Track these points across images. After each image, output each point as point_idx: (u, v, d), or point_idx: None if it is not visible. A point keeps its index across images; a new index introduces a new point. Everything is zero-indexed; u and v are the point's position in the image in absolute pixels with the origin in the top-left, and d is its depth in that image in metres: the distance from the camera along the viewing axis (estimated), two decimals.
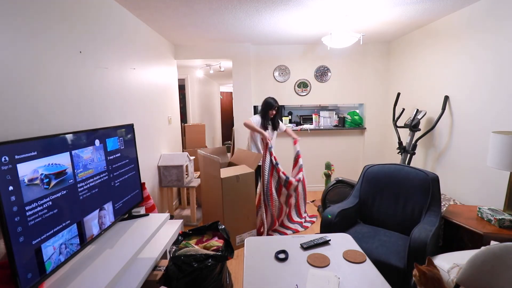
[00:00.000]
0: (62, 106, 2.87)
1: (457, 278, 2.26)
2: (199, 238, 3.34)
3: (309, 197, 6.76)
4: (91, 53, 3.34)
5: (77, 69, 3.09)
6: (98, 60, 3.47)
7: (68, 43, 2.99)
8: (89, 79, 3.28)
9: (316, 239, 2.97)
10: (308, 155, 7.11)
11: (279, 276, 2.43)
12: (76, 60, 3.08)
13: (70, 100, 2.98)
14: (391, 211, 3.77)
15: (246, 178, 4.54)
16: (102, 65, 3.53)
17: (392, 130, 6.56)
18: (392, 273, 3.00)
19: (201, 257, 2.88)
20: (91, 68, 3.33)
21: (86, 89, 3.22)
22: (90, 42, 3.34)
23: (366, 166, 4.12)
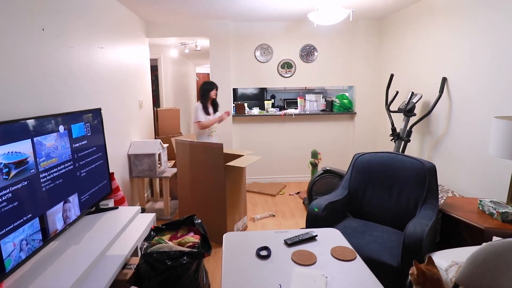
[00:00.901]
0: (23, 89, 2.85)
1: (456, 277, 2.25)
2: (173, 234, 3.34)
3: (293, 189, 6.82)
4: (55, 31, 3.31)
5: (39, 49, 3.06)
6: (63, 39, 3.44)
7: (29, 20, 2.93)
8: (52, 60, 3.25)
9: (302, 234, 2.95)
10: (292, 143, 7.16)
11: (260, 275, 2.42)
12: (38, 39, 3.05)
13: (32, 82, 2.95)
14: (384, 203, 3.77)
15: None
16: (67, 44, 3.51)
17: (384, 115, 6.58)
18: (385, 272, 3.00)
19: (175, 254, 2.87)
20: (55, 47, 3.30)
21: (49, 70, 3.20)
22: (53, 19, 3.28)
23: (357, 155, 4.13)
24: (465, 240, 3.24)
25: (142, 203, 5.48)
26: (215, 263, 4.09)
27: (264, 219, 5.41)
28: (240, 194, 4.90)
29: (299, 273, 2.42)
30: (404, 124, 5.19)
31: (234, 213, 4.73)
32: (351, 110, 7.11)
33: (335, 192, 4.02)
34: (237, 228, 4.79)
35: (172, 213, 5.56)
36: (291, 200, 6.24)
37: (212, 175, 4.56)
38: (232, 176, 4.64)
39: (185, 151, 4.83)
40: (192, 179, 4.81)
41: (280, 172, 7.28)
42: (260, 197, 6.46)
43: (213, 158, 4.53)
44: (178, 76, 9.74)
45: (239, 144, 7.09)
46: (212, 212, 4.62)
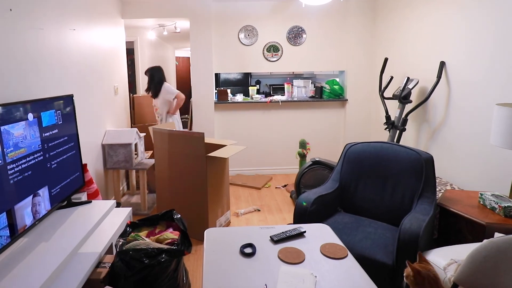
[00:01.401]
0: None
1: (455, 276, 2.24)
2: (151, 230, 3.34)
3: (280, 181, 6.84)
4: (24, 11, 3.30)
5: (6, 31, 3.04)
6: (32, 20, 3.43)
7: None
8: (21, 42, 3.24)
9: (289, 230, 2.95)
10: (279, 132, 7.19)
11: (245, 274, 2.42)
12: (5, 20, 3.03)
13: None
14: (378, 197, 3.78)
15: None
16: (36, 26, 3.49)
17: (378, 102, 6.59)
18: (379, 271, 3.01)
19: (153, 251, 2.88)
20: (24, 29, 3.29)
21: (17, 54, 3.19)
22: None
23: (348, 145, 4.13)
24: (465, 237, 3.24)
25: (117, 197, 5.49)
26: (196, 262, 4.09)
27: (249, 214, 5.42)
28: (222, 187, 4.90)
29: (286, 272, 2.41)
30: (399, 111, 5.20)
31: (216, 207, 4.74)
32: (342, 97, 7.13)
33: (325, 185, 4.02)
34: (219, 223, 4.80)
35: (150, 207, 5.57)
36: (277, 194, 6.24)
37: (193, 166, 4.56)
38: (214, 167, 4.64)
39: (163, 140, 4.83)
40: (171, 171, 4.81)
41: (266, 163, 7.30)
42: (244, 190, 6.46)
43: (193, 148, 4.52)
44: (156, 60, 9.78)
45: (221, 134, 7.10)
46: (192, 207, 4.62)
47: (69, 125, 3.51)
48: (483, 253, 2.13)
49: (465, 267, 2.19)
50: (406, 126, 5.18)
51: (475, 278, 2.15)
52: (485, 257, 2.12)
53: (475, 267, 2.15)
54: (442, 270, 2.57)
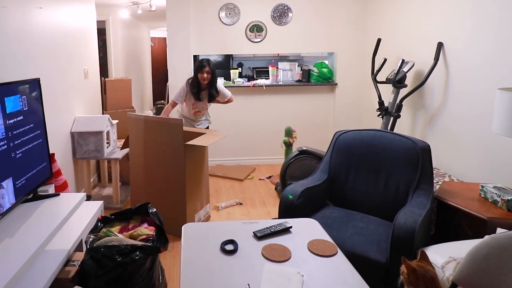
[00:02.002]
0: None
1: (453, 275, 2.24)
2: (124, 225, 3.33)
3: (264, 173, 6.87)
4: None
5: None
6: None
7: None
8: None
9: (274, 226, 2.94)
10: (263, 119, 7.21)
11: (225, 272, 2.41)
12: None
13: None
14: (370, 190, 3.79)
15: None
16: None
17: (370, 86, 6.59)
18: (371, 269, 3.01)
19: (126, 248, 2.86)
20: None
21: None
22: None
23: (338, 133, 4.14)
24: (465, 232, 3.26)
25: (87, 189, 5.49)
26: (173, 259, 4.11)
27: (230, 208, 5.44)
28: (201, 178, 4.89)
29: (271, 271, 2.41)
30: (393, 97, 5.22)
31: (194, 200, 4.73)
32: (331, 81, 7.16)
33: (313, 176, 4.02)
34: (198, 218, 4.80)
35: (123, 200, 5.57)
36: (261, 186, 6.27)
37: (170, 156, 4.57)
38: (192, 157, 4.63)
39: (138, 128, 4.82)
40: (147, 161, 4.81)
41: (249, 153, 7.33)
42: (226, 182, 6.49)
43: (170, 136, 4.53)
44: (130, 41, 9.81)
45: None
46: (169, 200, 4.62)
47: (35, 112, 3.49)
48: (484, 250, 2.12)
49: (465, 265, 2.18)
50: (400, 113, 5.19)
51: (475, 278, 2.15)
52: (486, 255, 2.11)
53: (475, 266, 2.14)
54: (439, 268, 2.57)
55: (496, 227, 2.91)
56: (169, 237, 3.26)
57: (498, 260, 2.09)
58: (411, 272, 2.20)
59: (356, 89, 7.05)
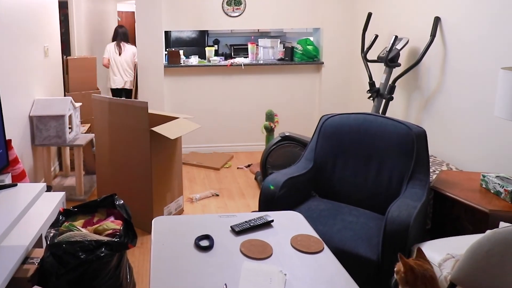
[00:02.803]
0: None
1: (452, 274, 2.24)
2: (88, 218, 3.33)
3: (243, 161, 6.89)
4: None
5: None
6: None
7: None
8: None
9: (253, 219, 2.94)
10: (241, 101, 7.23)
11: (200, 271, 2.42)
12: None
13: None
14: (360, 180, 3.80)
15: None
16: None
17: (360, 65, 6.60)
18: (361, 267, 3.02)
19: (90, 244, 2.85)
20: None
21: None
22: None
23: (324, 117, 4.14)
24: (464, 227, 3.27)
25: (48, 179, 5.49)
26: (142, 256, 4.14)
27: (205, 200, 5.45)
28: (173, 167, 4.91)
29: (250, 269, 2.41)
30: (385, 77, 5.24)
31: (165, 192, 4.75)
32: (317, 60, 7.18)
33: (297, 165, 4.03)
34: (169, 211, 4.83)
35: (87, 192, 5.59)
36: (239, 175, 6.30)
37: (136, 142, 4.57)
38: (161, 144, 4.63)
39: (103, 111, 4.82)
40: (112, 148, 4.84)
41: (226, 139, 7.33)
42: (200, 171, 6.51)
43: (136, 121, 4.53)
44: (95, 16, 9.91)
45: (172, 103, 7.12)
46: (136, 191, 4.63)
47: None
48: (486, 246, 2.12)
49: (464, 263, 2.18)
50: (393, 95, 5.21)
51: (476, 277, 2.15)
52: (488, 252, 2.11)
53: (476, 264, 2.14)
54: (436, 267, 2.57)
55: (499, 221, 2.91)
56: (138, 232, 3.25)
57: (501, 258, 2.08)
58: (409, 270, 2.18)
59: (344, 68, 7.06)
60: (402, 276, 2.20)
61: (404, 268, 2.20)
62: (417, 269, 2.18)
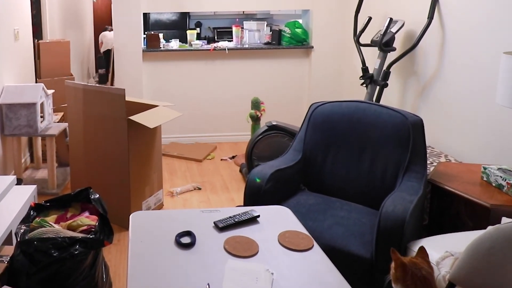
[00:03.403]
0: None
1: (450, 273, 2.25)
2: (61, 214, 3.33)
3: (227, 152, 6.91)
4: None
5: None
6: None
7: None
8: None
9: (238, 215, 2.95)
10: (225, 88, 7.24)
11: (181, 270, 2.42)
12: None
13: None
14: (352, 172, 3.80)
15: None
16: None
17: (353, 50, 6.61)
18: (353, 266, 3.03)
19: (63, 241, 2.85)
20: None
21: None
22: None
23: (314, 105, 4.14)
24: (464, 223, 3.28)
25: (18, 172, 5.50)
26: (119, 254, 4.15)
27: (187, 194, 5.47)
28: (152, 159, 4.91)
29: (235, 268, 2.41)
30: (379, 62, 5.25)
31: (142, 185, 4.74)
32: (306, 44, 7.20)
33: (285, 156, 4.03)
34: (148, 206, 4.84)
35: (60, 185, 5.59)
36: (223, 168, 6.32)
37: (112, 132, 4.59)
38: (139, 134, 4.62)
39: (77, 99, 4.82)
40: (87, 138, 4.84)
41: (209, 128, 7.33)
42: (181, 163, 6.53)
43: (112, 109, 4.53)
44: None
45: (151, 91, 7.13)
46: (113, 185, 4.64)
47: None
48: (487, 243, 2.12)
49: (464, 262, 2.18)
50: (388, 81, 5.22)
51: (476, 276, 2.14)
52: (489, 249, 2.10)
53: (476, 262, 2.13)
54: (434, 265, 2.52)
55: (501, 216, 2.90)
56: (114, 228, 3.24)
57: (503, 256, 2.08)
58: (400, 267, 2.18)
59: (336, 53, 7.08)
60: (393, 272, 2.20)
61: (395, 263, 2.20)
62: (408, 265, 2.16)
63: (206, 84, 7.15)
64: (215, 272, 2.37)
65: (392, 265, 2.23)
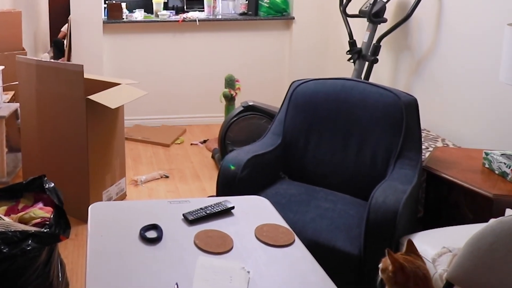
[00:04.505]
0: None
1: (448, 272, 2.26)
2: (12, 205, 3.35)
3: (198, 135, 6.94)
4: None
5: None
6: None
7: None
8: None
9: (210, 206, 2.94)
10: (196, 64, 7.25)
11: (147, 268, 2.41)
12: None
13: None
14: (338, 159, 3.80)
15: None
16: None
17: (339, 21, 6.60)
18: (339, 263, 3.05)
19: (14, 236, 2.85)
20: None
21: None
22: None
23: (295, 83, 4.14)
24: (463, 215, 3.29)
25: None
26: (77, 250, 4.15)
27: (153, 182, 5.50)
28: (113, 144, 4.93)
29: (206, 266, 2.40)
30: (368, 35, 5.27)
31: (104, 173, 4.77)
32: (286, 14, 7.21)
33: (262, 140, 4.04)
34: (109, 196, 4.85)
35: (11, 172, 5.60)
36: (194, 153, 6.37)
37: (69, 113, 4.58)
38: (100, 115, 4.63)
39: (30, 76, 4.80)
40: (41, 120, 4.82)
41: (177, 109, 7.36)
42: (147, 148, 6.55)
43: (69, 87, 4.52)
44: None
45: (113, 67, 7.12)
46: (71, 172, 4.64)
47: None
48: (489, 238, 2.12)
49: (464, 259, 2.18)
50: (378, 56, 5.25)
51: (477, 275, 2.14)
52: (492, 245, 2.10)
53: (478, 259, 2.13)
54: (430, 262, 2.58)
55: (505, 208, 2.91)
56: (72, 221, 3.23)
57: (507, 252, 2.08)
58: (399, 270, 2.16)
59: (319, 25, 7.12)
60: (390, 276, 2.18)
61: (393, 266, 2.18)
62: (408, 267, 2.16)
63: (175, 59, 7.15)
64: (184, 270, 2.36)
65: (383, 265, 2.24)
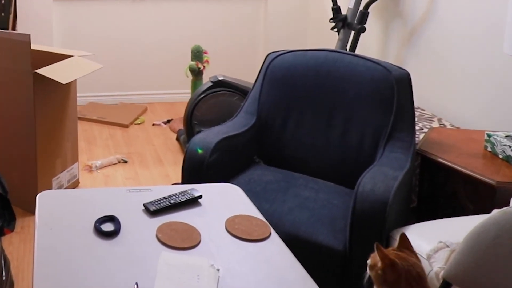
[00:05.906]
0: None
1: (445, 270, 2.25)
2: None
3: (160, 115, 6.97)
4: None
5: None
6: None
7: None
8: None
9: (175, 195, 2.93)
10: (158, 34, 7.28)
11: (103, 265, 2.37)
12: None
13: None
14: (320, 141, 3.81)
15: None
16: None
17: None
18: (321, 260, 3.07)
19: None
20: None
21: None
22: None
23: (272, 55, 4.14)
24: (462, 205, 3.31)
25: None
26: (23, 245, 4.17)
27: (109, 168, 5.54)
28: (64, 124, 4.93)
29: (170, 263, 2.38)
30: (354, 1, 5.24)
31: (53, 157, 4.78)
32: None
33: (234, 120, 4.07)
34: (59, 183, 4.84)
35: None
36: (155, 135, 6.42)
37: (14, 90, 4.60)
38: (50, 92, 4.63)
39: None
40: None
41: (137, 85, 7.36)
42: (103, 128, 6.58)
43: (14, 60, 4.53)
44: None
45: (64, 37, 7.13)
46: (16, 156, 4.66)
47: None
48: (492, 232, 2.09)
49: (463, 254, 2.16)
50: (365, 24, 5.26)
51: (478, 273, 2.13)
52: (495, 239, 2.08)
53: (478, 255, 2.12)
54: (425, 259, 2.58)
55: (510, 197, 2.92)
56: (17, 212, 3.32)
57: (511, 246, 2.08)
58: (389, 267, 2.16)
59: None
60: (379, 274, 2.18)
61: (382, 263, 2.17)
62: (400, 264, 2.15)
63: (134, 28, 7.14)
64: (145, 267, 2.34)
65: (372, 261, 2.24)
